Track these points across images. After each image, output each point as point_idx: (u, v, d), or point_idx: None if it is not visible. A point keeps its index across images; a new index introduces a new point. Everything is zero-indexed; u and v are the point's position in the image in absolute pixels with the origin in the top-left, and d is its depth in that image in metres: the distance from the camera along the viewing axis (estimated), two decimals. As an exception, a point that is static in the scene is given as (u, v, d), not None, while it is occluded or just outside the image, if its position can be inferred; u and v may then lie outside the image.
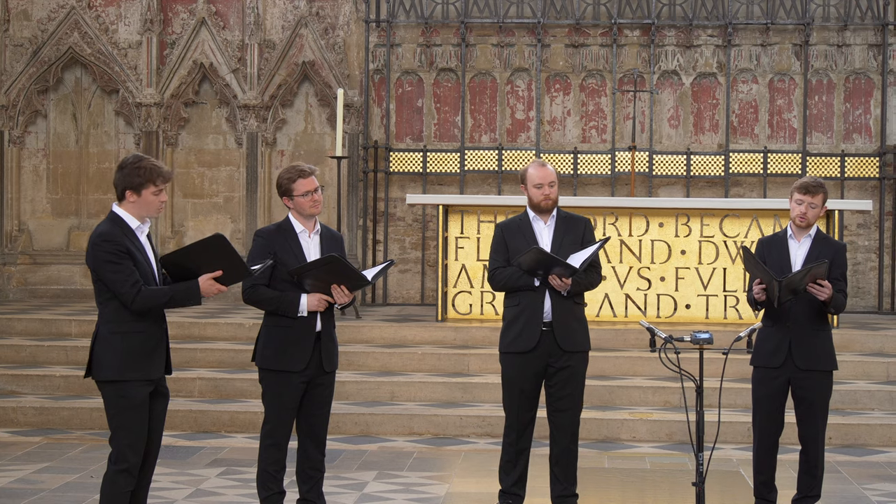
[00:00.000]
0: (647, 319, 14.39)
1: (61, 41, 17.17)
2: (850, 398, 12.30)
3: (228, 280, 7.04)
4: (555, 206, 8.51)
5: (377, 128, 17.08)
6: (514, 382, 8.43)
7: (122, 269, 6.83)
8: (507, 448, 8.50)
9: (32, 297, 17.16)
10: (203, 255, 6.94)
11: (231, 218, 17.33)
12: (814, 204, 8.31)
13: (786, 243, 8.41)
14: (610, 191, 16.67)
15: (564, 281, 8.21)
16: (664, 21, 16.79)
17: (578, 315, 8.45)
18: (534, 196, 8.45)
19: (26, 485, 9.50)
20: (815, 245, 8.37)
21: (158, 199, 7.00)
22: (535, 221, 8.50)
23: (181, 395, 12.48)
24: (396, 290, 17.07)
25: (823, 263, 8.08)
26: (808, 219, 8.32)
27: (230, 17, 17.28)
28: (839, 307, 8.29)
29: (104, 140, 17.42)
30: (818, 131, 16.76)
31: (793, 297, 8.17)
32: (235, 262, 7.01)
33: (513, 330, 8.42)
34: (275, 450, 7.92)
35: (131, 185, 6.93)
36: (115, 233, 6.89)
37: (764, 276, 8.14)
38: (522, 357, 8.37)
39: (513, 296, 8.45)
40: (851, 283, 16.65)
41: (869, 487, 9.77)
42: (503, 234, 8.53)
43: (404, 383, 12.65)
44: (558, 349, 8.33)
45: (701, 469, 7.58)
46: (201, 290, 6.95)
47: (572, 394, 8.42)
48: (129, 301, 6.83)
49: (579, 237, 8.47)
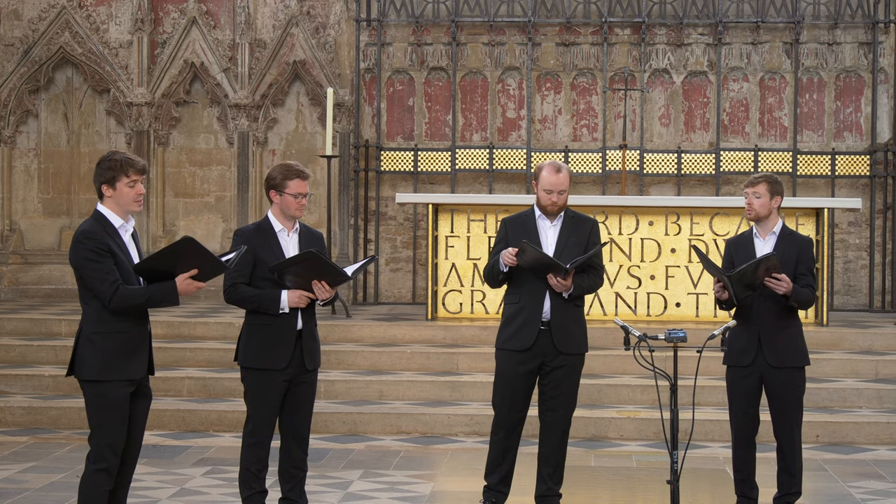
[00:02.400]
0: (638, 318, 14.41)
1: (52, 41, 17.16)
2: (839, 396, 12.31)
3: (205, 277, 7.03)
4: (560, 212, 8.47)
5: (368, 127, 17.08)
6: (508, 380, 8.43)
7: (100, 268, 6.83)
8: (495, 446, 8.50)
9: (24, 296, 17.16)
10: (176, 259, 6.93)
11: (222, 217, 17.32)
12: (757, 193, 8.39)
13: (751, 241, 8.48)
14: (601, 189, 16.67)
15: (562, 282, 8.18)
16: (655, 20, 16.79)
17: (577, 317, 8.43)
18: (542, 199, 8.41)
19: (10, 484, 9.50)
20: (781, 241, 8.41)
21: (134, 191, 6.98)
22: (541, 220, 8.47)
23: (169, 394, 12.50)
24: (388, 289, 17.07)
25: (773, 255, 8.10)
26: (754, 209, 8.40)
27: (221, 16, 17.27)
28: (804, 302, 8.29)
29: (95, 139, 17.42)
30: (809, 129, 16.76)
31: (751, 292, 8.17)
32: (209, 260, 7.01)
33: (511, 327, 8.40)
34: (257, 448, 7.92)
35: (106, 179, 6.94)
36: (97, 230, 6.89)
37: (715, 273, 8.19)
38: (518, 355, 8.36)
39: (513, 293, 8.43)
40: (842, 281, 16.67)
41: (854, 485, 9.77)
42: (507, 228, 8.52)
43: (393, 382, 12.65)
44: (554, 349, 8.31)
45: (675, 467, 7.59)
46: (179, 289, 6.93)
47: (565, 394, 8.41)
48: (105, 300, 6.82)
49: (585, 238, 8.43)
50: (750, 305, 8.27)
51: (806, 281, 8.32)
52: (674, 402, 7.50)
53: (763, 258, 8.08)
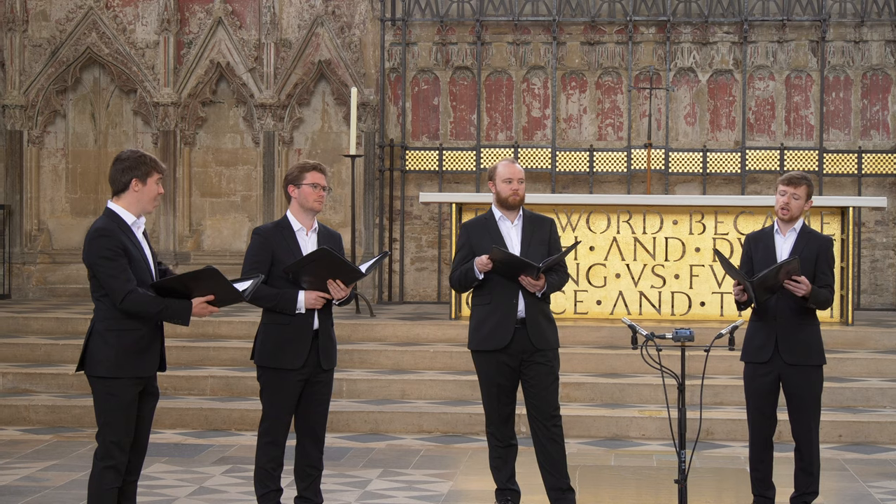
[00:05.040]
0: (662, 317, 14.38)
1: (79, 41, 17.28)
2: (862, 396, 12.24)
3: (221, 303, 7.07)
4: (521, 204, 8.49)
5: (393, 126, 17.10)
6: (491, 379, 8.47)
7: (115, 267, 6.85)
8: (494, 445, 8.55)
9: (51, 295, 17.26)
10: (196, 284, 6.95)
11: (248, 216, 17.38)
12: (797, 195, 8.33)
13: (772, 238, 8.43)
14: (626, 188, 16.65)
15: (535, 282, 8.21)
16: (680, 18, 16.75)
17: (548, 314, 8.50)
18: (502, 191, 8.44)
19: (31, 482, 9.55)
20: (801, 239, 8.37)
21: (158, 190, 7.05)
22: (502, 221, 8.49)
23: (193, 393, 12.56)
24: (413, 288, 17.09)
25: (794, 260, 8.07)
26: (790, 210, 8.33)
27: (246, 16, 17.33)
28: (822, 302, 8.26)
29: (122, 139, 17.52)
30: (835, 128, 16.70)
31: (771, 295, 8.16)
32: (228, 290, 7.04)
33: (485, 327, 8.41)
34: (272, 447, 7.94)
35: (139, 174, 6.95)
36: (112, 229, 6.90)
37: (737, 277, 8.17)
38: (496, 354, 8.38)
39: (483, 294, 8.45)
40: (869, 280, 16.59)
41: (874, 485, 9.72)
42: (468, 233, 8.54)
43: (415, 381, 12.67)
44: (531, 346, 8.35)
45: (683, 466, 7.57)
46: (194, 311, 6.96)
47: (548, 387, 8.42)
48: (118, 300, 6.85)
49: (546, 237, 8.49)
50: (768, 304, 8.25)
51: (825, 281, 8.29)
52: (681, 401, 7.48)
53: (784, 262, 8.04)
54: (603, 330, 13.65)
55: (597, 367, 12.95)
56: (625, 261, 14.43)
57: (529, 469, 8.73)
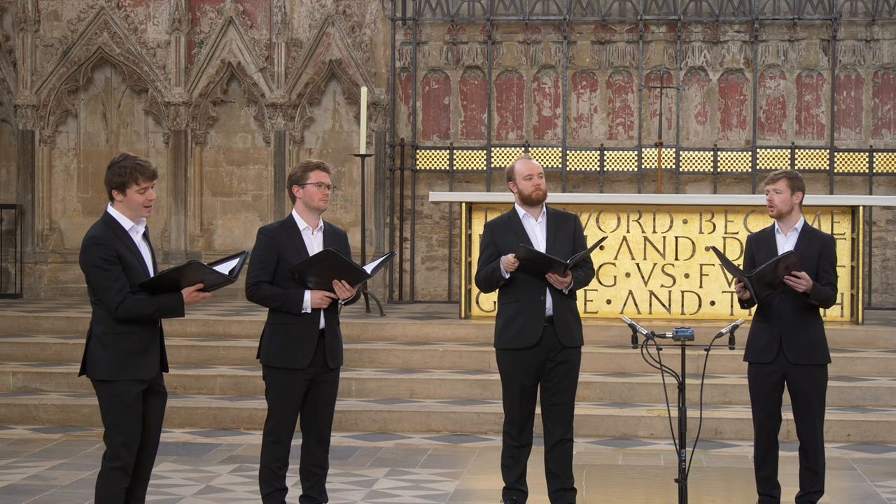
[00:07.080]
0: (672, 316, 14.36)
1: (91, 41, 17.33)
2: (872, 395, 12.21)
3: (211, 288, 7.08)
4: (545, 199, 8.47)
5: (404, 125, 17.12)
6: (516, 378, 8.42)
7: (108, 276, 6.84)
8: (509, 444, 8.51)
9: (63, 295, 17.31)
10: (180, 278, 6.96)
11: (259, 216, 17.41)
12: (777, 190, 8.35)
13: (773, 238, 8.44)
14: (637, 187, 16.64)
15: (562, 279, 8.19)
16: (690, 17, 16.74)
17: (574, 310, 8.48)
18: (525, 188, 8.40)
19: (39, 481, 9.57)
20: (803, 238, 8.37)
21: (144, 198, 6.97)
22: (526, 219, 8.45)
23: (202, 392, 12.59)
24: (424, 287, 17.10)
25: (792, 254, 8.05)
26: (775, 205, 8.35)
27: (258, 16, 17.36)
28: (825, 300, 8.24)
29: (134, 139, 17.56)
30: (846, 127, 16.66)
31: (772, 291, 8.15)
32: (215, 276, 7.05)
33: (514, 325, 8.38)
34: (277, 446, 7.94)
35: (115, 185, 6.94)
36: (107, 236, 6.89)
37: (735, 273, 8.17)
38: (524, 353, 8.36)
39: (509, 292, 8.41)
40: (880, 279, 16.55)
41: (881, 484, 9.69)
42: (493, 232, 8.51)
43: (424, 380, 12.67)
44: (559, 344, 8.32)
45: (683, 465, 7.57)
46: (185, 301, 6.99)
47: (569, 388, 8.43)
48: (112, 308, 6.85)
49: (570, 233, 8.45)
50: (771, 303, 8.25)
51: (827, 279, 8.28)
52: (681, 400, 7.48)
53: (782, 256, 8.04)
54: (612, 329, 13.63)
55: (606, 367, 12.95)
56: (635, 260, 14.42)
57: (535, 469, 8.71)
